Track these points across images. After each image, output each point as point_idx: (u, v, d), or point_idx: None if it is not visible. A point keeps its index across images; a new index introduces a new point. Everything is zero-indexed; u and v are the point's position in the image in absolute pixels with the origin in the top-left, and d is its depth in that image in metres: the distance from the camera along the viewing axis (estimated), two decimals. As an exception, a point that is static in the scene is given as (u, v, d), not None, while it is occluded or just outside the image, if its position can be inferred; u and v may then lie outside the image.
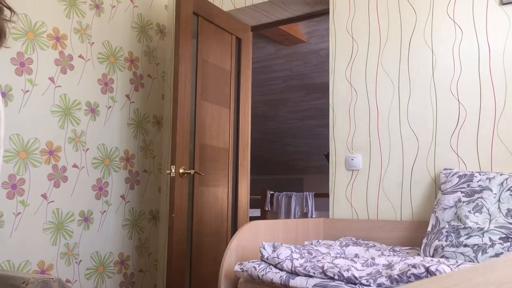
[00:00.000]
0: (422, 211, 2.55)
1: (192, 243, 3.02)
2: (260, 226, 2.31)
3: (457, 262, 1.82)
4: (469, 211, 2.10)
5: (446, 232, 2.11)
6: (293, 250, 1.95)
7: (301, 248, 2.06)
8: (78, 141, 3.15)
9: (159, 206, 3.71)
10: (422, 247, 2.17)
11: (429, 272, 1.56)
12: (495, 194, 2.12)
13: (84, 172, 3.18)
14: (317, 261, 1.88)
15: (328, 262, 1.80)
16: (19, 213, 2.81)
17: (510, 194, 2.09)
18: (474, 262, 1.97)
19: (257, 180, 8.37)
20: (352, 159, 2.78)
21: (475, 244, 1.99)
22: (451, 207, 2.20)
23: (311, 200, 5.44)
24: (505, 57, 2.41)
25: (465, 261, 1.98)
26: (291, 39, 4.98)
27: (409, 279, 1.59)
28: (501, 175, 2.18)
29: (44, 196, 2.94)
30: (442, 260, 1.82)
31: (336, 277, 1.69)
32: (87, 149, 3.21)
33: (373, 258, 1.89)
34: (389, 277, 1.61)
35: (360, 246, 2.35)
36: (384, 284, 1.61)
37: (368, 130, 2.77)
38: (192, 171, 2.96)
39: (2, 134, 1.14)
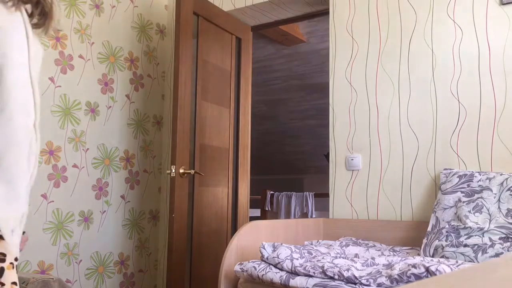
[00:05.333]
0: (422, 211, 2.55)
1: (192, 243, 3.02)
2: (260, 226, 2.31)
3: (457, 262, 1.82)
4: (469, 211, 2.10)
5: (446, 232, 2.11)
6: (293, 250, 1.95)
7: (301, 248, 2.06)
8: (78, 141, 3.15)
9: (159, 206, 3.71)
10: (422, 247, 2.17)
11: (429, 272, 1.56)
12: (495, 194, 2.12)
13: (84, 172, 3.18)
14: (317, 261, 1.88)
15: (328, 262, 1.80)
16: (19, 213, 2.81)
17: (510, 194, 2.09)
18: (474, 262, 1.97)
19: (257, 180, 8.36)
20: (352, 159, 2.78)
21: (475, 244, 1.99)
22: (451, 207, 2.20)
23: (311, 200, 5.44)
24: (505, 57, 2.41)
25: (465, 261, 1.98)
26: (291, 39, 4.98)
27: (409, 279, 1.59)
28: (501, 175, 2.18)
29: (44, 196, 2.94)
30: (442, 260, 1.82)
31: (336, 276, 1.69)
32: (87, 149, 3.21)
33: (373, 258, 1.89)
34: (389, 277, 1.61)
35: (360, 246, 2.35)
36: (384, 284, 1.61)
37: (368, 130, 2.77)
38: (192, 171, 2.96)
39: (37, 119, 1.11)
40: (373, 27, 2.82)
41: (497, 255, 1.94)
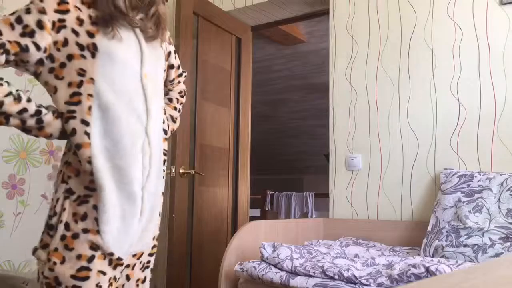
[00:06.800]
0: (422, 211, 2.55)
1: (192, 243, 3.02)
2: (260, 226, 2.31)
3: (457, 262, 1.82)
4: (469, 211, 2.10)
5: (446, 232, 2.11)
6: (293, 250, 1.95)
7: (301, 248, 2.06)
8: (78, 141, 3.15)
9: (159, 206, 3.71)
10: (422, 247, 2.17)
11: (429, 272, 1.56)
12: (495, 194, 2.12)
13: (84, 172, 3.18)
14: (317, 261, 1.88)
15: (328, 262, 1.80)
16: (19, 213, 2.81)
17: (510, 194, 2.09)
18: (474, 262, 1.97)
19: (257, 180, 8.36)
20: (352, 159, 2.78)
21: (475, 244, 1.99)
22: (451, 207, 2.20)
23: (311, 200, 5.45)
24: (505, 57, 2.41)
25: (465, 261, 1.98)
26: (291, 39, 4.98)
27: (409, 279, 1.59)
28: (501, 175, 2.18)
29: (44, 196, 2.94)
30: (442, 260, 1.82)
31: (336, 276, 1.69)
32: (87, 149, 3.20)
33: (373, 258, 1.89)
34: (389, 277, 1.61)
35: (360, 246, 2.35)
36: (384, 284, 1.61)
37: (368, 130, 2.76)
38: (192, 171, 2.96)
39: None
40: (373, 27, 2.82)
41: (497, 255, 1.94)
